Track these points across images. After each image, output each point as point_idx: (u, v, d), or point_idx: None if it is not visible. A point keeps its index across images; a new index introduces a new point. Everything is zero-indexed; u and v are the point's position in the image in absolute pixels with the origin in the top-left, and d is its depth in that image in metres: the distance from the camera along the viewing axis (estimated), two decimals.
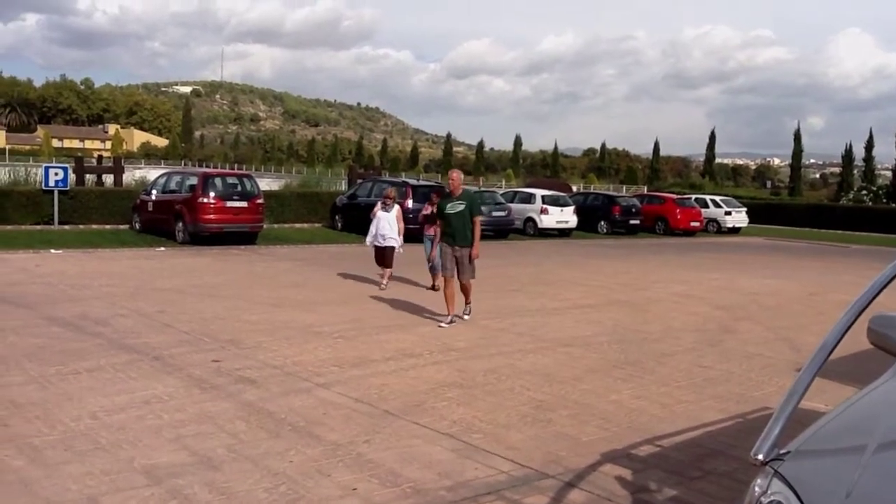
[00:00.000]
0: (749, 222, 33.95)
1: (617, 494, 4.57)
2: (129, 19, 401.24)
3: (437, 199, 11.49)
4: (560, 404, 6.44)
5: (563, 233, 26.72)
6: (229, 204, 18.70)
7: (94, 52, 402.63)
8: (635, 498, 4.55)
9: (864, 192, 54.17)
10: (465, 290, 9.91)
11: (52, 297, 10.53)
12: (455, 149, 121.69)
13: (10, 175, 24.73)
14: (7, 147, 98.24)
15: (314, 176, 44.62)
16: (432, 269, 12.41)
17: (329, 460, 4.90)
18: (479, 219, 9.85)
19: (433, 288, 12.37)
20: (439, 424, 5.73)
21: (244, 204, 19.02)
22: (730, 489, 4.65)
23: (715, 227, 32.48)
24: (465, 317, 9.97)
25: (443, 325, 9.61)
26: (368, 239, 12.98)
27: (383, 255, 12.78)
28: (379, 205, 13.04)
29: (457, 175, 10.08)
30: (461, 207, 9.73)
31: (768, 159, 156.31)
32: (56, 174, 20.40)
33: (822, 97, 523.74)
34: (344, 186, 30.68)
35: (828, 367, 2.31)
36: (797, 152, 73.47)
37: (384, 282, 12.71)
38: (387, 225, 12.65)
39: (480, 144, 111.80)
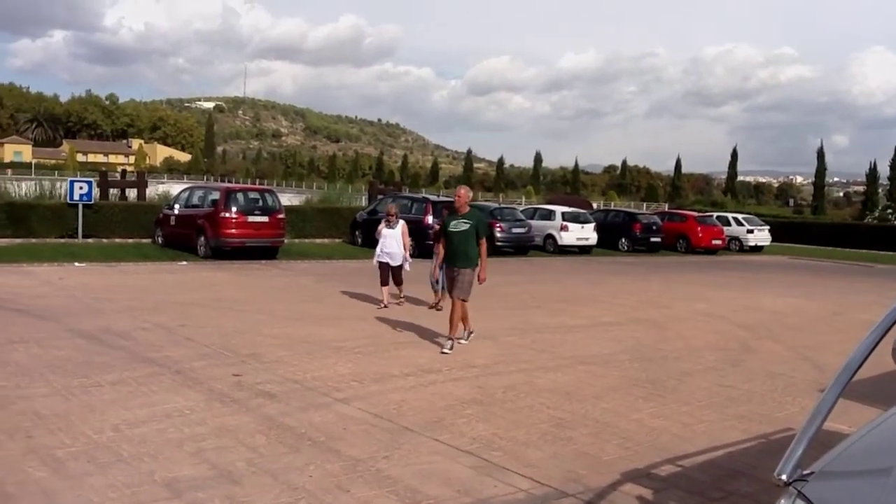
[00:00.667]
0: (772, 241, 33.64)
1: None
2: (153, 36, 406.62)
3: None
4: (580, 422, 6.41)
5: (583, 250, 26.58)
6: (251, 219, 18.81)
7: (120, 68, 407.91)
8: None
9: (889, 210, 53.72)
10: (458, 312, 9.06)
11: (76, 310, 10.66)
12: (475, 165, 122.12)
13: (35, 189, 25.09)
14: (33, 161, 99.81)
15: (335, 191, 44.83)
16: (435, 286, 12.34)
17: (348, 475, 4.91)
18: (484, 241, 9.17)
19: (436, 307, 12.22)
20: (459, 441, 5.72)
21: (265, 219, 19.12)
22: None
23: (737, 246, 32.16)
24: (463, 341, 9.26)
25: (445, 350, 8.91)
26: (375, 260, 12.76)
27: (392, 274, 12.65)
28: (383, 223, 12.90)
29: (464, 192, 9.43)
30: (466, 227, 9.05)
31: (791, 177, 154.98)
32: (81, 188, 20.67)
33: (845, 115, 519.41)
34: (364, 202, 30.80)
35: (851, 387, 2.29)
36: (821, 170, 72.96)
37: (398, 298, 12.66)
38: (393, 242, 12.49)
39: (501, 161, 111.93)
